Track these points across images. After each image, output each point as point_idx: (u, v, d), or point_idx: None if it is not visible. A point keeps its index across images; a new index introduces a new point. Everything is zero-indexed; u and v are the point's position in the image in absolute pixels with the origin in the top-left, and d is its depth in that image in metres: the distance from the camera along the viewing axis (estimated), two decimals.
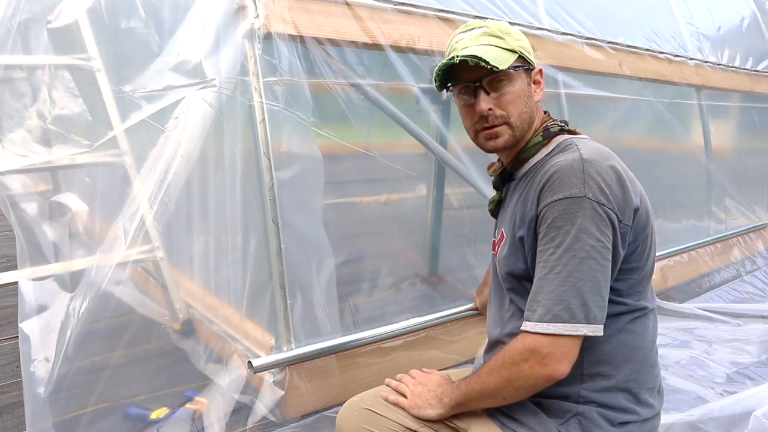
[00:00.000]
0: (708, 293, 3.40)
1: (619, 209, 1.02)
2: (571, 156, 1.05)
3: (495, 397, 1.09)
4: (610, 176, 1.03)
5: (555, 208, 1.01)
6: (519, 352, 1.02)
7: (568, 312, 0.98)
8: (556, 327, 0.98)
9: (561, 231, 1.00)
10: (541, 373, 1.00)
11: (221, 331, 2.07)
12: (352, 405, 1.36)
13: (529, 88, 1.17)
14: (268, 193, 1.88)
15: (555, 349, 0.99)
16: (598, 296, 1.00)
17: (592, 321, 0.99)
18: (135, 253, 2.01)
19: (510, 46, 1.14)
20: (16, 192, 1.85)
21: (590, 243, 0.98)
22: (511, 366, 1.03)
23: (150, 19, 1.93)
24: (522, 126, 1.17)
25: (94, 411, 1.80)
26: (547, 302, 0.99)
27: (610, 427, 1.09)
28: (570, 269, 0.98)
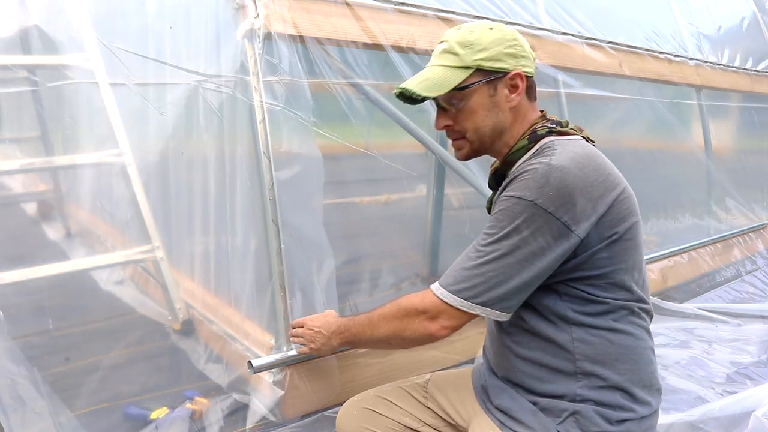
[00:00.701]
0: (708, 293, 3.40)
1: (571, 219, 1.03)
2: (542, 160, 1.06)
3: (382, 343, 1.23)
4: (573, 185, 1.03)
5: (504, 202, 1.07)
6: (415, 307, 1.14)
7: (471, 292, 1.07)
8: (454, 299, 1.08)
9: (499, 224, 1.07)
10: (427, 328, 1.13)
11: (221, 331, 2.07)
12: (352, 405, 1.36)
13: (491, 100, 1.16)
14: (268, 193, 1.88)
15: (446, 315, 1.11)
16: (508, 291, 1.06)
17: (490, 306, 1.07)
18: (135, 253, 2.01)
19: (464, 62, 1.13)
20: (16, 192, 1.85)
21: (518, 244, 1.04)
22: (404, 317, 1.16)
23: (150, 18, 1.93)
24: (481, 139, 1.19)
25: (94, 411, 1.80)
26: (460, 277, 1.09)
27: (608, 425, 1.09)
28: (489, 259, 1.06)
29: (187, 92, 1.90)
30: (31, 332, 1.77)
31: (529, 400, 1.15)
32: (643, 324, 1.15)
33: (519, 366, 1.16)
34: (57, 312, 1.88)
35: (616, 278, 1.09)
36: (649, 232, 3.53)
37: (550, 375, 1.12)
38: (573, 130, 1.18)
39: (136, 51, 1.87)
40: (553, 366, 1.12)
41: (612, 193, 1.07)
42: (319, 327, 1.44)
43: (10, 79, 1.78)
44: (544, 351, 1.13)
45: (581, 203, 1.03)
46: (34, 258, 1.81)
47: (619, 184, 1.10)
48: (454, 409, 1.31)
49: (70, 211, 2.04)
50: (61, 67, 1.82)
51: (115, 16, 1.95)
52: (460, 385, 1.34)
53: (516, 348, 1.16)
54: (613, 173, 1.10)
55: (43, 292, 1.84)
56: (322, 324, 1.44)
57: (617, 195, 1.08)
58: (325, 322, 1.44)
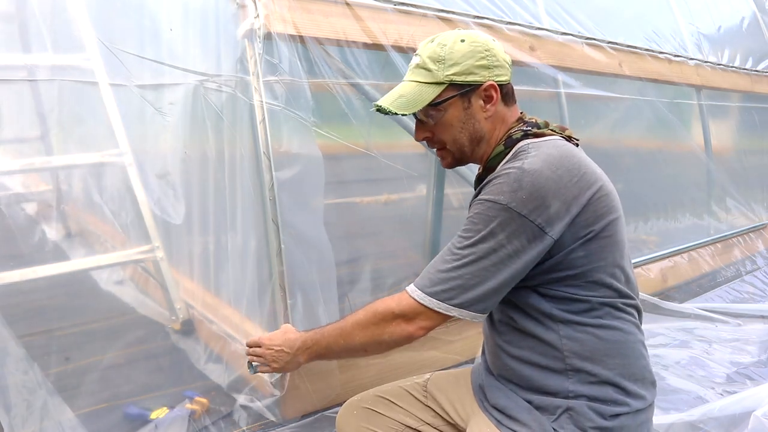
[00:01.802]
0: (708, 293, 3.40)
1: (545, 221, 1.04)
2: (514, 165, 1.08)
3: (357, 351, 1.21)
4: (545, 187, 1.03)
5: (477, 206, 1.09)
6: (392, 310, 1.13)
7: (447, 294, 1.08)
8: (431, 301, 1.09)
9: (474, 228, 1.07)
10: (405, 330, 1.13)
11: (221, 331, 2.07)
12: (352, 405, 1.36)
13: (466, 112, 1.17)
14: (268, 193, 1.89)
15: (424, 317, 1.11)
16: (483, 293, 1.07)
17: (466, 308, 1.08)
18: (135, 253, 2.01)
19: (437, 78, 1.15)
20: (16, 192, 1.85)
21: (493, 247, 1.05)
22: (380, 321, 1.15)
23: (150, 18, 1.93)
24: (461, 149, 1.21)
25: (94, 411, 1.80)
26: (435, 278, 1.10)
27: (602, 420, 1.10)
28: (465, 262, 1.07)
29: (188, 92, 1.90)
30: (31, 332, 1.77)
31: (524, 398, 1.15)
32: (631, 319, 1.15)
33: (511, 365, 1.17)
34: (57, 312, 1.88)
35: (594, 276, 1.10)
36: (649, 232, 3.53)
37: (541, 373, 1.13)
38: (552, 131, 1.18)
39: (136, 51, 1.87)
40: (544, 364, 1.12)
41: (587, 192, 1.07)
42: (281, 345, 1.32)
43: (10, 79, 1.78)
44: (533, 349, 1.13)
45: (555, 205, 1.04)
46: (34, 258, 1.80)
47: (595, 182, 1.09)
48: (453, 408, 1.31)
49: (70, 211, 2.04)
50: (61, 67, 1.82)
51: (116, 16, 1.95)
52: (460, 384, 1.34)
53: (507, 347, 1.17)
54: (588, 172, 1.09)
55: (43, 292, 1.84)
56: (283, 341, 1.32)
57: (593, 194, 1.08)
58: (286, 339, 1.32)
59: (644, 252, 3.37)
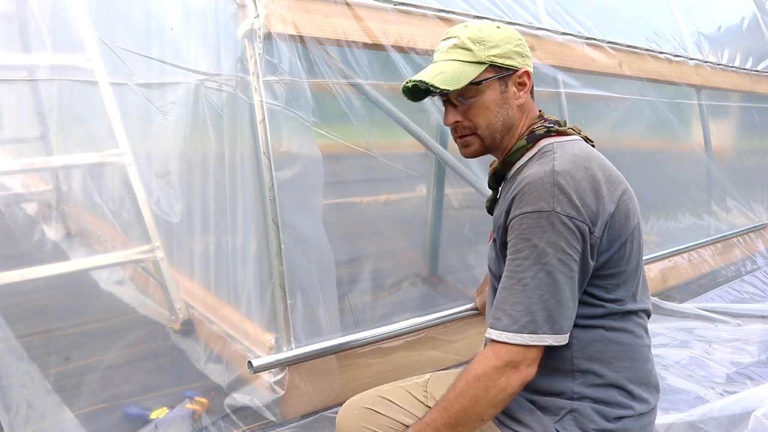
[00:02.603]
0: (708, 293, 3.40)
1: (590, 221, 1.03)
2: (545, 168, 1.06)
3: (474, 422, 1.06)
4: (582, 187, 1.03)
5: (523, 221, 1.04)
6: (495, 368, 1.02)
7: (535, 324, 1.01)
8: (522, 337, 1.01)
9: (528, 244, 1.02)
10: (517, 379, 1.03)
11: (221, 331, 2.07)
12: (352, 405, 1.36)
13: (502, 96, 1.17)
14: (268, 193, 1.88)
15: (526, 356, 1.02)
16: (564, 307, 1.02)
17: (557, 332, 1.02)
18: (135, 253, 2.01)
19: (478, 57, 1.14)
20: (16, 192, 1.85)
21: (557, 257, 1.01)
22: (488, 384, 1.02)
23: (150, 17, 1.93)
24: (492, 135, 1.19)
25: (94, 411, 1.80)
26: (514, 313, 1.02)
27: (605, 423, 1.10)
28: (537, 283, 1.01)
29: (189, 92, 1.90)
30: (31, 332, 1.77)
31: (528, 398, 1.15)
32: (641, 323, 1.15)
33: None
34: (57, 312, 1.88)
35: (620, 279, 1.10)
36: (649, 232, 3.53)
37: (547, 374, 1.12)
38: (572, 130, 1.18)
39: (136, 50, 1.87)
40: (551, 365, 1.12)
41: (616, 192, 1.08)
42: None
43: (10, 79, 1.78)
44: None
45: (594, 204, 1.03)
46: (34, 258, 1.80)
47: (621, 182, 1.10)
48: None
49: (70, 211, 2.04)
50: (61, 66, 1.82)
51: (116, 16, 1.95)
52: None
53: None
54: (614, 172, 1.11)
55: (43, 292, 1.84)
56: None
57: (621, 194, 1.08)
58: None
59: (644, 252, 3.36)
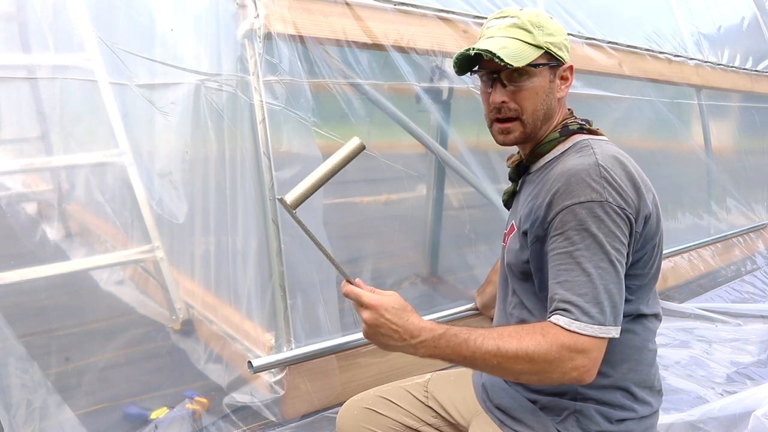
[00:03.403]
0: (708, 293, 3.40)
1: (636, 215, 1.03)
2: (587, 160, 1.05)
3: (508, 376, 1.03)
4: (627, 182, 1.03)
5: (577, 211, 1.01)
6: (568, 347, 0.96)
7: (603, 315, 0.97)
8: (593, 329, 0.97)
9: (587, 234, 0.99)
10: (582, 375, 0.98)
11: (221, 331, 2.07)
12: (352, 405, 1.36)
13: (550, 85, 1.16)
14: (268, 193, 1.88)
15: (598, 353, 0.98)
16: (623, 296, 1.01)
17: (618, 324, 1.00)
18: (135, 253, 2.01)
19: (537, 41, 1.13)
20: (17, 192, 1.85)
21: (615, 246, 0.99)
22: (555, 359, 0.96)
23: (150, 18, 1.93)
24: (535, 123, 1.17)
25: (94, 411, 1.80)
26: (582, 304, 0.98)
27: (608, 425, 1.09)
28: (600, 272, 0.98)
29: (189, 92, 1.90)
30: (31, 332, 1.77)
31: (530, 398, 1.15)
32: (651, 327, 1.15)
33: None
34: (57, 312, 1.88)
35: (642, 281, 1.09)
36: None
37: None
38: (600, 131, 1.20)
39: (137, 51, 1.87)
40: None
41: (650, 195, 1.08)
42: (398, 326, 0.99)
43: (11, 79, 1.78)
44: None
45: (635, 201, 1.03)
46: (34, 258, 1.80)
47: (651, 188, 1.10)
48: (455, 408, 1.31)
49: (70, 211, 2.04)
50: (62, 66, 1.82)
51: (116, 16, 1.95)
52: (460, 384, 1.34)
53: None
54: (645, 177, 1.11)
55: (43, 292, 1.84)
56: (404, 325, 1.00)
57: (653, 198, 1.09)
58: (408, 323, 1.00)
59: None
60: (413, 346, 1.00)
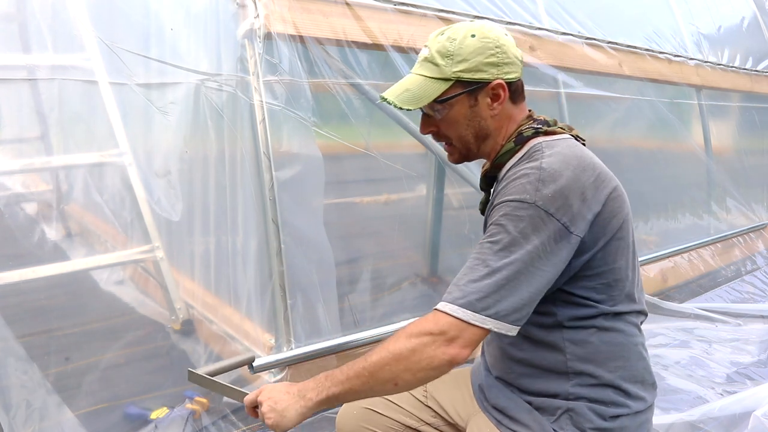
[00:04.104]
0: (708, 293, 3.40)
1: (570, 220, 1.02)
2: (532, 164, 1.06)
3: (386, 384, 1.02)
4: (566, 186, 1.02)
5: (503, 208, 1.04)
6: (429, 330, 1.00)
7: (482, 304, 0.99)
8: (465, 313, 0.99)
9: (502, 229, 1.02)
10: (447, 352, 1.00)
11: (221, 331, 2.07)
12: (352, 404, 1.36)
13: (472, 110, 1.15)
14: (268, 193, 1.89)
15: (463, 334, 1.00)
16: (519, 299, 1.01)
17: (501, 319, 1.00)
18: (135, 253, 2.01)
19: (444, 74, 1.12)
20: (16, 192, 1.85)
21: (526, 248, 1.00)
22: (417, 346, 1.00)
23: (150, 18, 1.93)
24: (466, 146, 1.19)
25: (94, 411, 1.80)
26: (467, 289, 1.00)
27: (602, 422, 1.10)
28: (498, 267, 1.00)
29: (189, 91, 1.90)
30: (31, 332, 1.77)
31: (524, 399, 1.15)
32: (634, 321, 1.15)
33: (513, 367, 1.17)
34: (57, 312, 1.88)
35: (609, 278, 1.09)
36: (649, 232, 3.53)
37: (542, 375, 1.13)
38: (561, 129, 1.17)
39: (136, 50, 1.87)
40: (545, 366, 1.12)
41: (604, 191, 1.06)
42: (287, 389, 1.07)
43: (10, 79, 1.78)
44: (536, 352, 1.13)
45: (577, 204, 1.03)
46: (33, 258, 1.80)
47: (610, 181, 1.09)
48: (453, 408, 1.31)
49: (70, 211, 2.04)
50: (62, 66, 1.82)
51: (116, 16, 1.95)
52: (459, 384, 1.34)
53: (510, 350, 1.17)
54: (603, 171, 1.09)
55: (43, 292, 1.84)
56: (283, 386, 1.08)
57: (609, 193, 1.07)
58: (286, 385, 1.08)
59: (644, 252, 3.37)
60: (302, 396, 1.05)
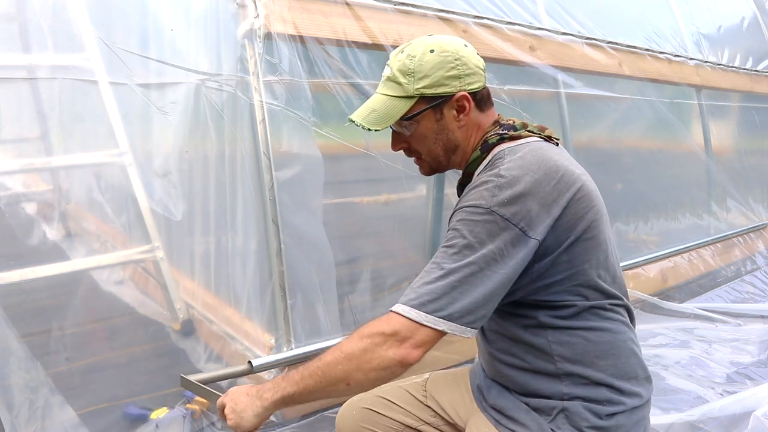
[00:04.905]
0: (708, 293, 3.40)
1: (527, 224, 1.02)
2: (492, 172, 1.07)
3: (338, 383, 1.04)
4: (524, 191, 1.03)
5: (459, 213, 1.06)
6: (381, 330, 1.02)
7: (434, 305, 1.01)
8: (418, 315, 1.01)
9: (458, 234, 1.03)
10: (397, 353, 1.01)
11: (221, 331, 2.07)
12: (352, 405, 1.36)
13: (438, 124, 1.16)
14: (268, 193, 1.89)
15: (415, 335, 1.01)
16: (473, 302, 1.01)
17: (455, 321, 1.01)
18: (135, 253, 2.01)
19: (407, 92, 1.13)
20: (17, 192, 1.85)
21: (480, 252, 1.01)
22: (369, 345, 1.02)
23: (150, 18, 1.93)
24: (436, 159, 1.21)
25: (94, 411, 1.80)
26: (421, 291, 1.02)
27: (598, 420, 1.10)
28: (452, 269, 1.01)
29: (189, 91, 1.90)
30: (31, 332, 1.77)
31: (521, 400, 1.16)
32: (619, 318, 1.15)
33: (505, 371, 1.17)
34: (57, 312, 1.88)
35: (580, 279, 1.09)
36: (649, 232, 3.53)
37: (534, 377, 1.13)
38: (530, 132, 1.16)
39: (137, 51, 1.87)
40: (536, 369, 1.13)
41: (566, 194, 1.06)
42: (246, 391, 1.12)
43: (10, 79, 1.78)
44: (525, 356, 1.13)
45: (535, 209, 1.03)
46: (34, 258, 1.80)
47: (574, 183, 1.08)
48: (453, 408, 1.31)
49: (70, 211, 2.04)
50: (62, 66, 1.82)
51: (116, 16, 1.95)
52: (459, 384, 1.34)
53: (499, 354, 1.18)
54: (567, 173, 1.08)
55: (43, 292, 1.84)
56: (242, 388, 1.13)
57: (572, 195, 1.06)
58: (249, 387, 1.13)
59: (644, 252, 3.37)
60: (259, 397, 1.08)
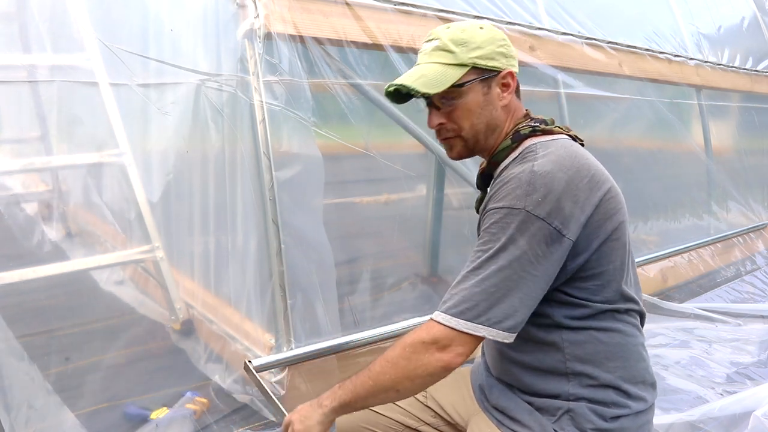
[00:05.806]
0: (708, 293, 3.40)
1: (561, 223, 1.02)
2: (525, 167, 1.06)
3: (388, 391, 1.08)
4: (558, 189, 1.02)
5: (494, 215, 1.05)
6: (422, 340, 1.05)
7: (473, 312, 1.02)
8: (458, 322, 1.02)
9: (493, 238, 1.03)
10: (440, 360, 1.04)
11: (221, 331, 2.07)
12: None
13: (486, 98, 1.16)
14: (268, 193, 1.89)
15: (455, 341, 1.03)
16: (512, 306, 1.02)
17: (496, 326, 1.02)
18: (135, 253, 2.01)
19: (460, 60, 1.13)
20: (16, 192, 1.85)
21: (515, 254, 1.01)
22: (411, 355, 1.05)
23: (150, 18, 1.93)
24: (476, 137, 1.19)
25: (94, 411, 1.80)
26: (459, 298, 1.03)
27: (602, 422, 1.10)
28: (488, 274, 1.02)
29: (189, 91, 1.90)
30: (31, 332, 1.77)
31: (525, 399, 1.15)
32: (633, 321, 1.15)
33: (512, 369, 1.17)
34: (57, 312, 1.89)
35: (604, 279, 1.09)
36: (649, 232, 3.53)
37: (542, 376, 1.13)
38: (558, 128, 1.17)
39: (136, 51, 1.87)
40: (545, 368, 1.12)
41: (598, 193, 1.06)
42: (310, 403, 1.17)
43: (10, 79, 1.78)
44: (535, 353, 1.13)
45: (569, 206, 1.03)
46: (33, 258, 1.80)
47: (605, 182, 1.09)
48: (453, 408, 1.31)
49: (70, 211, 2.04)
50: (61, 67, 1.82)
51: (116, 16, 1.95)
52: (459, 384, 1.34)
53: (509, 352, 1.17)
54: (598, 172, 1.09)
55: (43, 292, 1.84)
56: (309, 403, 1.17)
57: (603, 194, 1.07)
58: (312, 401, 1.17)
59: (644, 252, 3.37)
60: (320, 405, 1.13)
